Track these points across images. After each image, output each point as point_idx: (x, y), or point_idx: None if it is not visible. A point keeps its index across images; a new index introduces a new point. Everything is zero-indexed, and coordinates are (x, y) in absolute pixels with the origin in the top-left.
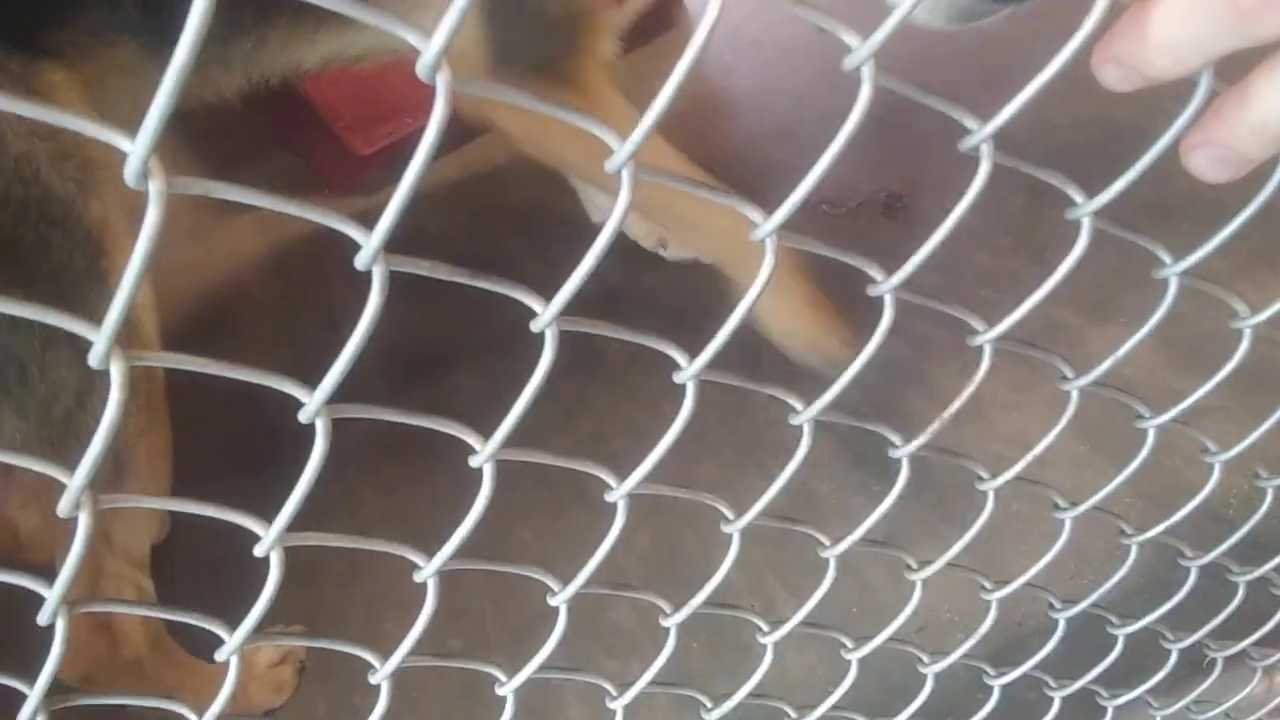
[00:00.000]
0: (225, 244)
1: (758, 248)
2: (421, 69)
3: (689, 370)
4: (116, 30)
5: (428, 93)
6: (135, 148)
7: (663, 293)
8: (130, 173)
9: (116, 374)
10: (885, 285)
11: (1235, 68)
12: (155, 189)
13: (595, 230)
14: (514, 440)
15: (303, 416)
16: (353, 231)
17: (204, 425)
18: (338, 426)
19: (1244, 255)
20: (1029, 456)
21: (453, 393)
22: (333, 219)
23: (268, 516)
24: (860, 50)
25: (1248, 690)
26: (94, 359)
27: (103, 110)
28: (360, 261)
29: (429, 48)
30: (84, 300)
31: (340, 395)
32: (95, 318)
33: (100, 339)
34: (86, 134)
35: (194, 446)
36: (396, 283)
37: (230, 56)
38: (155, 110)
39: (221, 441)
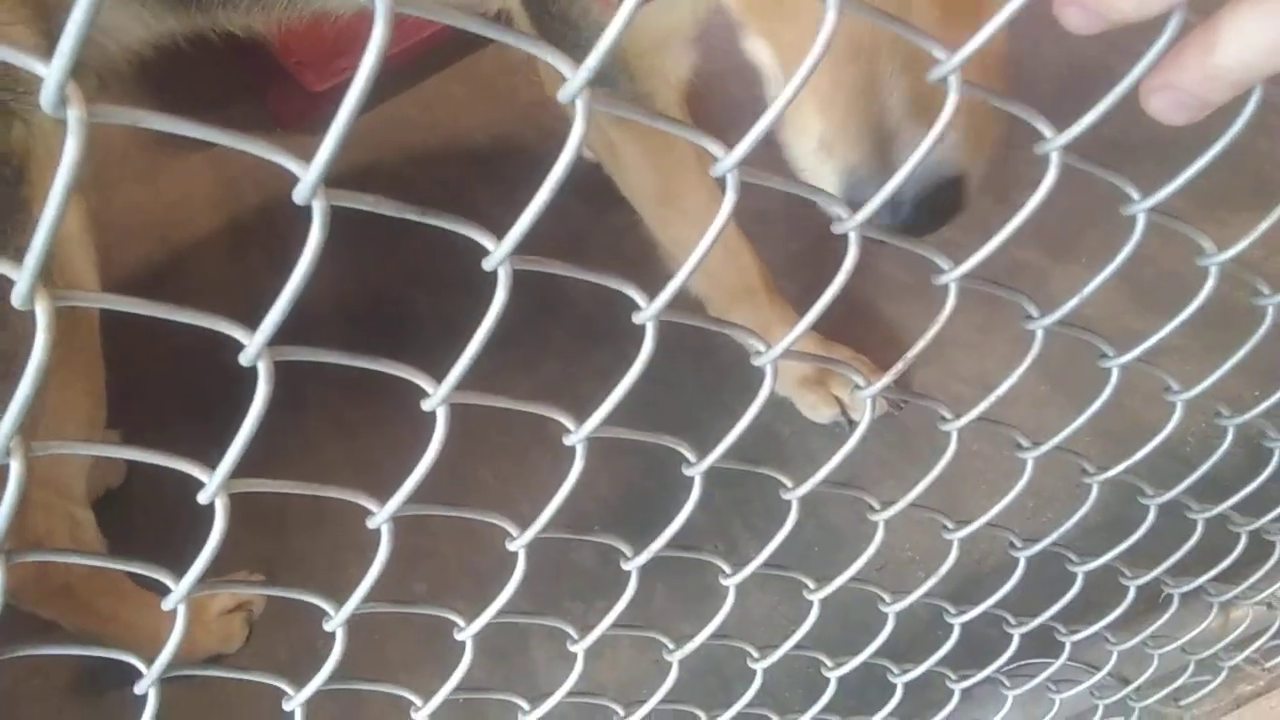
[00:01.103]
0: (175, 184)
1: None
2: None
3: (648, 311)
4: None
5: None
6: (51, 71)
7: (629, 231)
8: (47, 98)
9: (41, 314)
10: (850, 223)
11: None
12: (74, 117)
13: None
14: (473, 383)
15: (243, 359)
16: (290, 164)
17: (159, 369)
18: (295, 371)
19: (1205, 194)
20: (992, 397)
21: (414, 334)
22: (268, 150)
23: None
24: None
25: (1204, 625)
26: (17, 299)
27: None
28: (298, 195)
29: None
30: (1, 230)
31: (294, 338)
32: (14, 245)
33: (22, 277)
34: None
35: (149, 391)
36: (354, 224)
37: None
38: (70, 31)
39: (177, 386)
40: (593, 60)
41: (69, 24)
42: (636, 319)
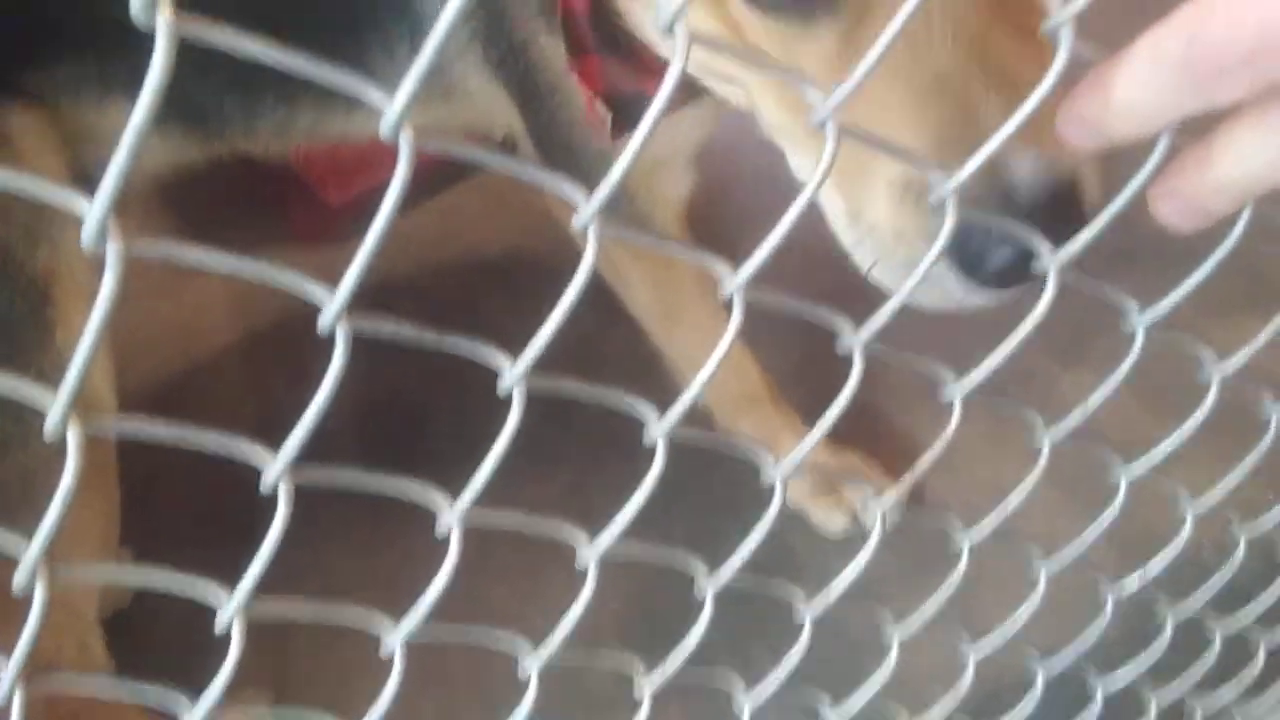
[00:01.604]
0: (193, 299)
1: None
2: (384, 128)
3: (658, 428)
4: (87, 81)
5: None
6: (93, 210)
7: (639, 340)
8: (88, 235)
9: (73, 444)
10: (855, 339)
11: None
12: (114, 251)
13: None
14: (486, 497)
15: (263, 486)
16: (315, 292)
17: (172, 488)
18: (307, 486)
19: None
20: (1004, 511)
21: (430, 448)
22: (294, 280)
23: (236, 584)
24: (829, 99)
25: None
26: (49, 430)
27: (85, 159)
28: (322, 324)
29: (390, 107)
30: (25, 350)
31: (309, 456)
32: (38, 367)
33: (54, 409)
34: (32, 194)
35: (161, 505)
36: (369, 336)
37: (259, 128)
38: (113, 171)
39: (191, 505)
40: (603, 191)
41: (111, 165)
42: (647, 436)
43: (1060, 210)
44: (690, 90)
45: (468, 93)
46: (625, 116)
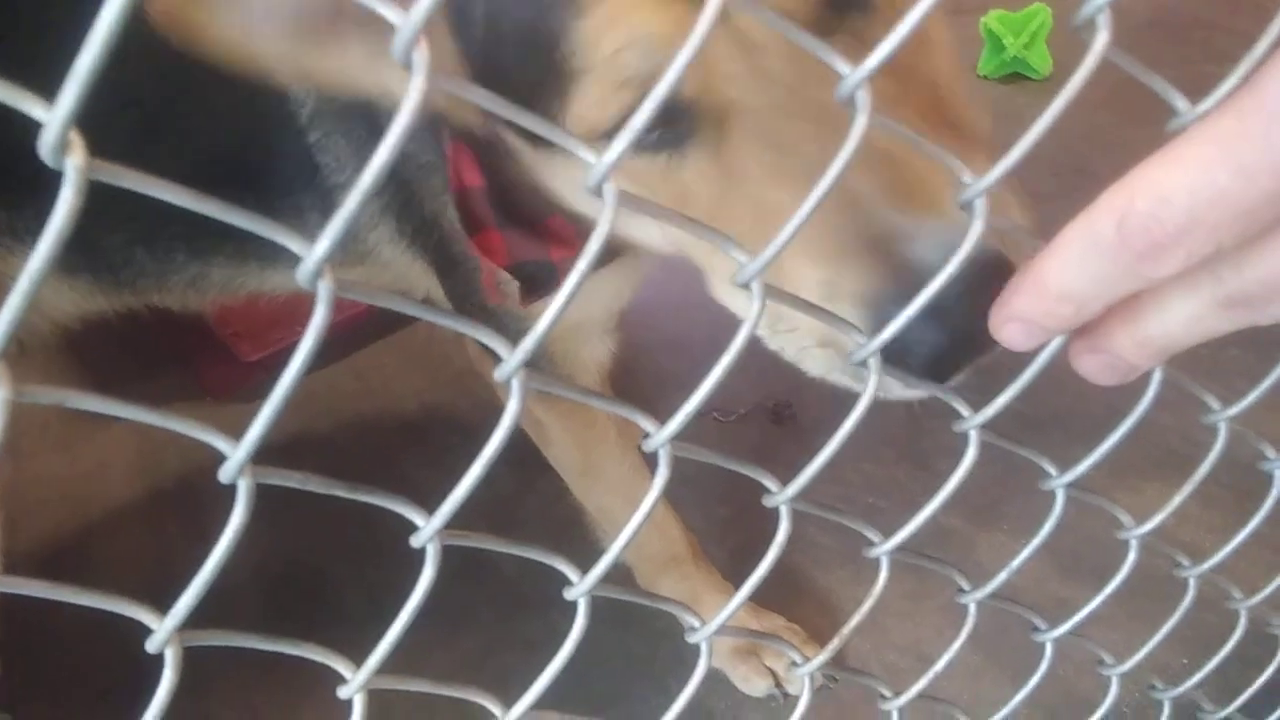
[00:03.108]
0: (94, 454)
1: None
2: (302, 275)
3: (580, 587)
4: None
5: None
6: None
7: (559, 498)
8: None
9: None
10: (781, 496)
11: None
12: (1, 397)
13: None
14: (392, 658)
15: (150, 646)
16: (218, 442)
17: (56, 646)
18: (202, 648)
19: (1115, 464)
20: (930, 674)
21: (334, 606)
22: (195, 428)
23: None
24: (750, 266)
25: None
26: None
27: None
28: (224, 474)
29: (311, 254)
30: None
31: (206, 611)
32: None
33: None
34: None
35: (43, 669)
36: (277, 490)
37: (172, 282)
38: (5, 316)
39: (74, 665)
40: (529, 343)
41: (4, 309)
42: (568, 595)
43: (979, 273)
44: (612, 251)
45: (383, 262)
46: (535, 284)
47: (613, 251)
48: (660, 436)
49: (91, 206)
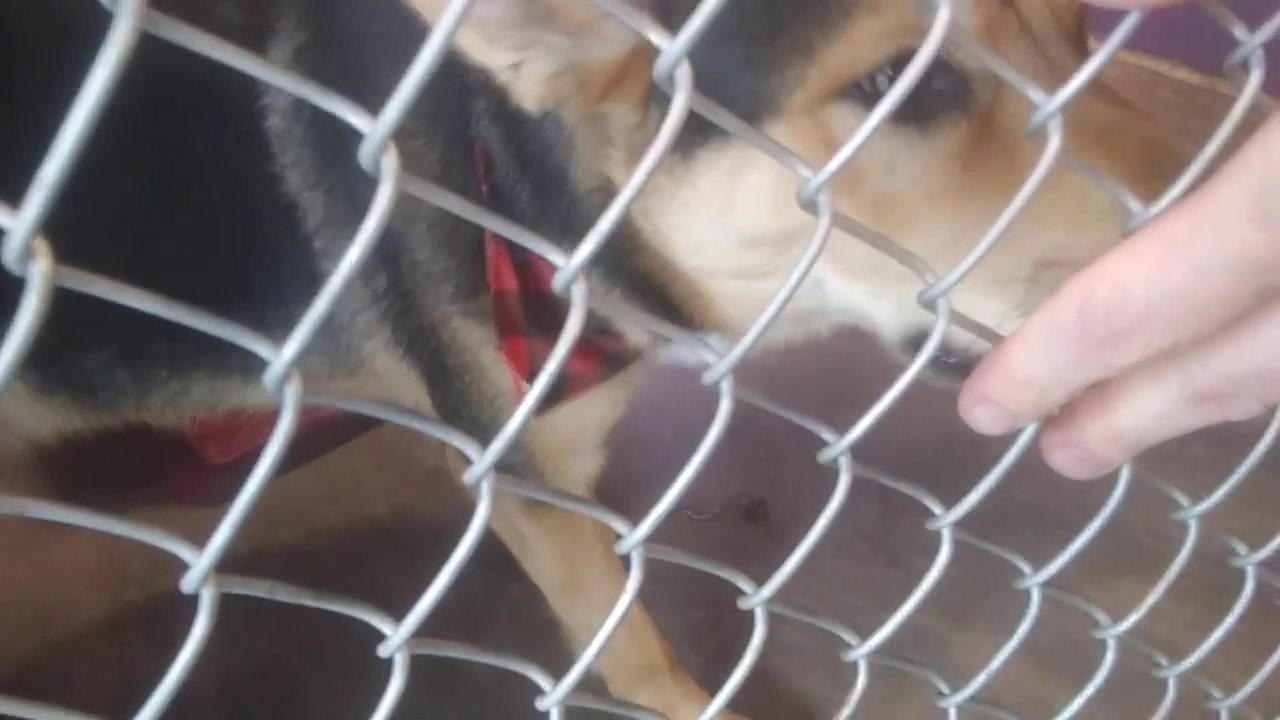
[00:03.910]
0: (56, 560)
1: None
2: (270, 379)
3: (552, 696)
4: None
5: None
6: None
7: (530, 602)
8: None
9: None
10: (756, 598)
11: None
12: None
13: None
14: None
15: None
16: (181, 550)
17: None
18: None
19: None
20: None
21: (302, 719)
22: (157, 537)
23: None
24: (719, 365)
25: None
26: None
27: None
28: (187, 584)
29: (278, 358)
30: None
31: None
32: None
33: None
34: None
35: None
36: (240, 601)
37: (150, 403)
38: None
39: None
40: (499, 444)
41: None
42: (540, 705)
43: None
44: (620, 360)
45: (375, 372)
46: (549, 395)
47: (620, 361)
48: (632, 539)
49: (68, 326)
